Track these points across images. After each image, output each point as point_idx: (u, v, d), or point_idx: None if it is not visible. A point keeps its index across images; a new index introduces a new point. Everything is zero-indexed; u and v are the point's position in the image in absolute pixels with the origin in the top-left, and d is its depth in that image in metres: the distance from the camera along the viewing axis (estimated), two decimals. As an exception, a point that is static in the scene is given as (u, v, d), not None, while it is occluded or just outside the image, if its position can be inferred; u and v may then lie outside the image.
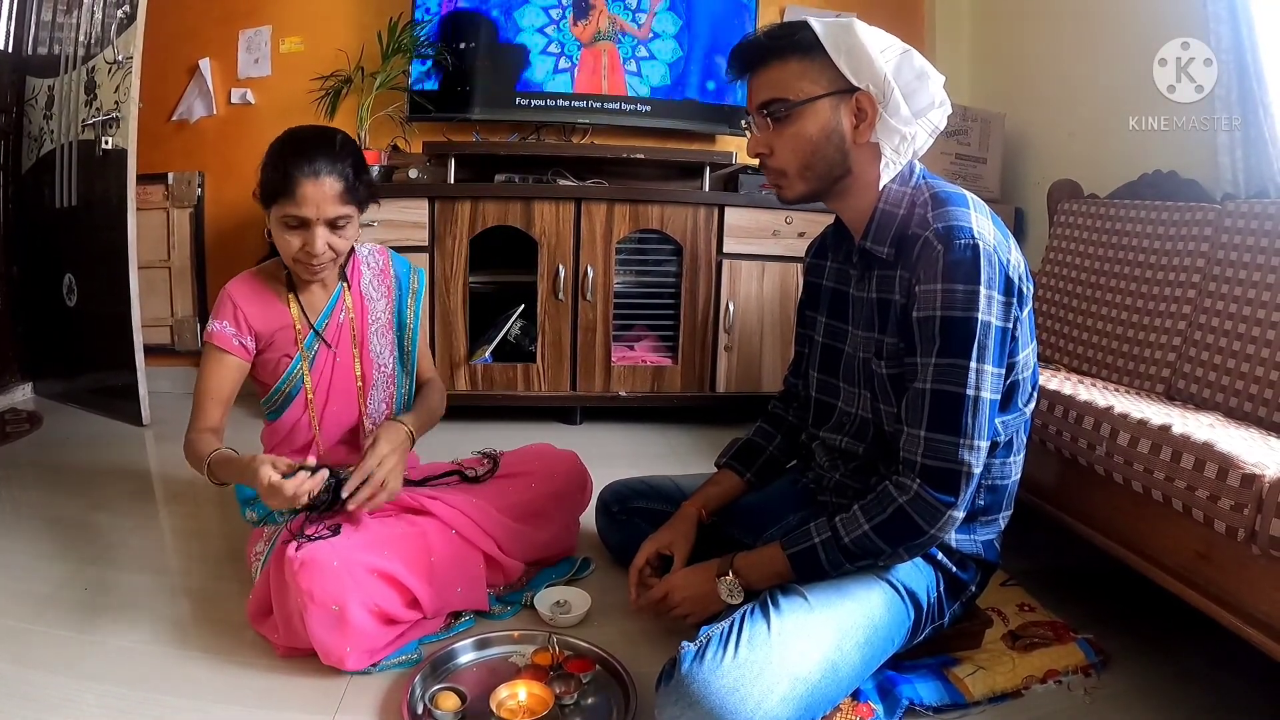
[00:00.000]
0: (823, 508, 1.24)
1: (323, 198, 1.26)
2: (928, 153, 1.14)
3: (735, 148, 2.83)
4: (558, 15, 2.81)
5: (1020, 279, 1.04)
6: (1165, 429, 1.21)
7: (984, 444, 1.02)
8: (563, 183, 2.69)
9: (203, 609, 1.39)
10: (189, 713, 1.11)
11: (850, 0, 2.96)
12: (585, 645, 1.23)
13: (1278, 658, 1.03)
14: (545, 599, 1.40)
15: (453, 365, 2.53)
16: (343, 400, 1.47)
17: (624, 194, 2.55)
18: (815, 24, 1.06)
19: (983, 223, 1.02)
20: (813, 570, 1.09)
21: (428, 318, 1.91)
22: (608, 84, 2.86)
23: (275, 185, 1.26)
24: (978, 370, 1.00)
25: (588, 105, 2.84)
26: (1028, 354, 1.10)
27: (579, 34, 2.84)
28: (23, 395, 2.80)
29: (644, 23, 2.86)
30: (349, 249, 1.38)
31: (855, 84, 1.05)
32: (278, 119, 2.79)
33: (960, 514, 1.03)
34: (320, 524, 1.24)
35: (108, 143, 2.42)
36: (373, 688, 1.17)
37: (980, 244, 0.99)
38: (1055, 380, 1.58)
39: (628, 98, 2.86)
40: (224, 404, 1.39)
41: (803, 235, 2.60)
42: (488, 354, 2.57)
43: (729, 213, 2.57)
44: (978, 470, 1.02)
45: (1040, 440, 1.47)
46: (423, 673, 1.16)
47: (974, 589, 1.21)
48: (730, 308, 2.61)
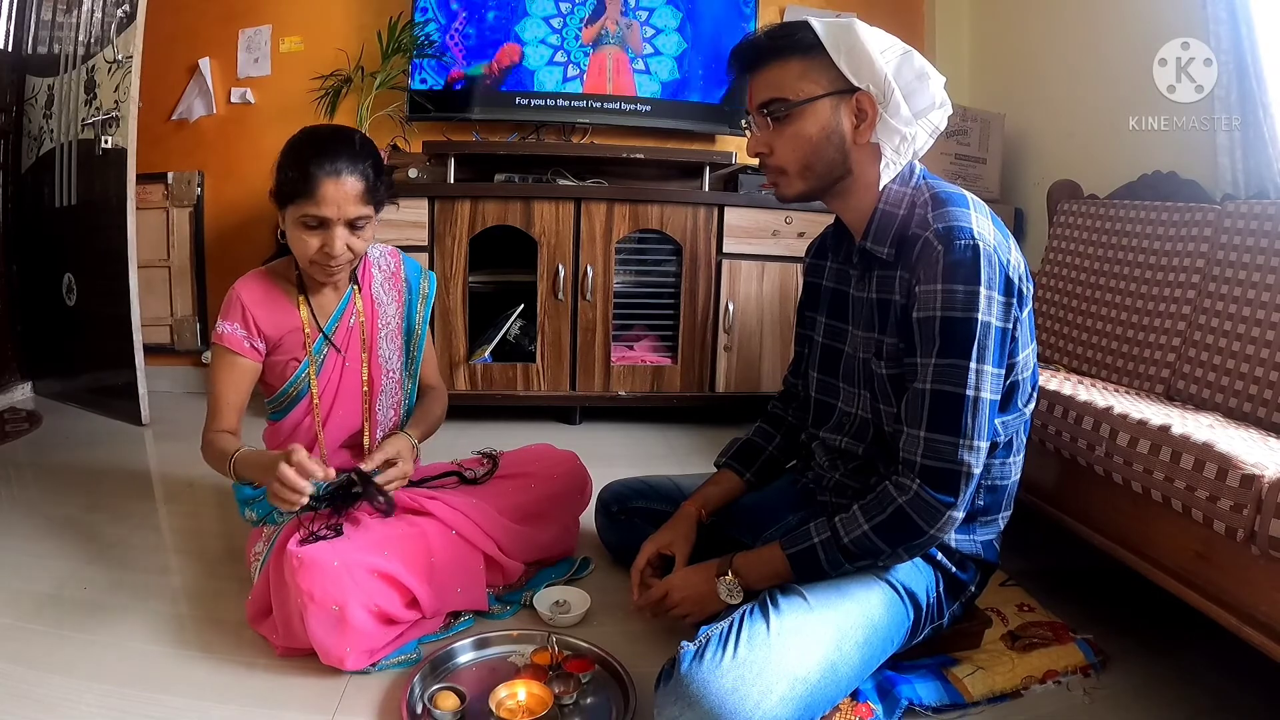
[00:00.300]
0: (822, 508, 1.24)
1: (344, 197, 1.25)
2: (928, 153, 1.14)
3: (735, 148, 2.83)
4: (559, 25, 2.82)
5: (1020, 279, 1.04)
6: (1165, 429, 1.21)
7: (984, 444, 1.02)
8: (562, 182, 2.69)
9: (202, 609, 1.39)
10: (188, 712, 1.11)
11: (850, 0, 2.96)
12: (584, 645, 1.23)
13: (1277, 658, 1.03)
14: (544, 599, 1.40)
15: (452, 365, 2.53)
16: (349, 405, 1.46)
17: (624, 194, 2.55)
18: (815, 24, 1.06)
19: (983, 223, 1.02)
20: (812, 570, 1.09)
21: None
22: (613, 85, 2.86)
23: (294, 185, 1.25)
24: (977, 371, 1.00)
25: (588, 105, 2.84)
26: (1027, 354, 1.10)
27: (585, 38, 2.84)
28: (22, 394, 2.80)
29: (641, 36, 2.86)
30: (365, 250, 1.37)
31: (855, 84, 1.05)
32: (277, 119, 2.83)
33: (960, 514, 1.03)
34: (325, 523, 1.24)
35: (107, 142, 2.42)
36: (372, 687, 1.17)
37: (980, 244, 0.99)
38: (1055, 380, 1.57)
39: (628, 97, 2.86)
40: (239, 407, 1.39)
41: (802, 235, 2.60)
42: (487, 354, 2.57)
43: (729, 213, 2.57)
44: (977, 470, 1.02)
45: (1040, 440, 1.47)
46: (422, 672, 1.16)
47: (973, 589, 1.21)
48: (730, 308, 2.61)
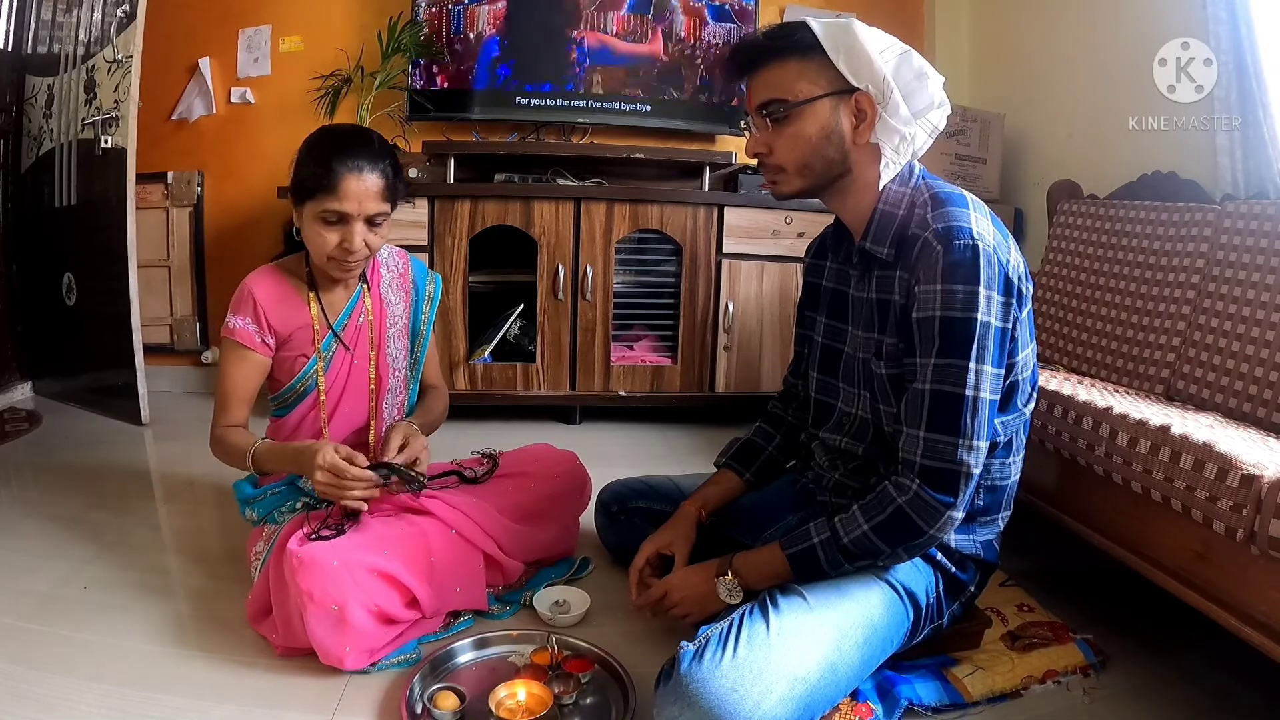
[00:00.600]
0: (822, 508, 1.24)
1: (365, 194, 1.27)
2: (927, 153, 1.14)
3: (735, 148, 2.83)
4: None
5: (1020, 279, 1.04)
6: (1164, 429, 1.21)
7: (983, 444, 1.02)
8: (562, 182, 2.69)
9: (202, 608, 1.39)
10: (187, 712, 1.11)
11: (850, 0, 2.96)
12: (584, 645, 1.23)
13: (1276, 658, 1.03)
14: (544, 599, 1.40)
15: (452, 365, 2.52)
16: (355, 402, 1.47)
17: (623, 194, 2.55)
18: (814, 24, 1.06)
19: (982, 223, 1.02)
20: (812, 570, 1.09)
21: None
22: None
23: (316, 180, 1.26)
24: (977, 371, 1.00)
25: (587, 105, 2.84)
26: (1027, 354, 1.10)
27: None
28: (22, 394, 2.80)
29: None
30: (380, 248, 1.38)
31: (854, 84, 1.05)
32: (277, 118, 2.83)
33: (959, 514, 1.03)
34: (330, 523, 1.25)
35: (107, 142, 2.42)
36: (372, 687, 1.17)
37: (980, 244, 0.99)
38: (1054, 380, 1.57)
39: (627, 97, 2.86)
40: (248, 401, 1.40)
41: (802, 235, 2.60)
42: (487, 354, 2.57)
43: (728, 213, 2.57)
44: (977, 471, 1.02)
45: (1039, 440, 1.46)
46: (422, 672, 1.16)
47: (973, 589, 1.21)
48: (730, 308, 2.61)
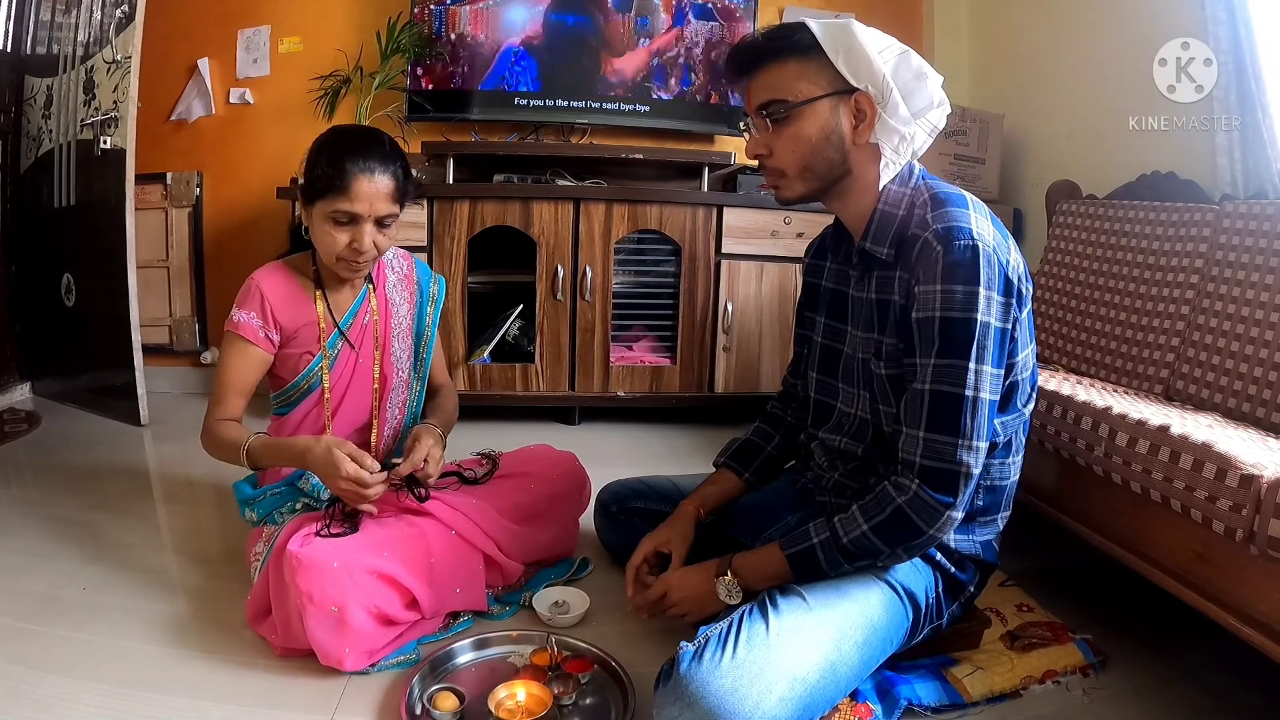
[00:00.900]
0: (821, 508, 1.24)
1: (376, 195, 1.27)
2: (927, 153, 1.15)
3: (734, 148, 2.83)
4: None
5: (1019, 280, 1.04)
6: (1164, 429, 1.21)
7: (983, 445, 1.02)
8: (561, 183, 2.69)
9: (201, 609, 1.39)
10: (187, 712, 1.10)
11: (850, 0, 2.96)
12: (584, 645, 1.23)
13: (1276, 658, 1.03)
14: (544, 599, 1.40)
15: (451, 365, 2.52)
16: (358, 401, 1.47)
17: (622, 194, 2.55)
18: (813, 25, 1.06)
19: (982, 223, 1.02)
20: (811, 571, 1.09)
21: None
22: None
23: (327, 180, 1.26)
24: (977, 371, 1.00)
25: (586, 105, 2.83)
26: (1027, 355, 1.10)
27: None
28: (21, 395, 2.80)
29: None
30: (388, 249, 1.38)
31: (854, 84, 1.05)
32: (276, 119, 2.83)
33: (959, 514, 1.03)
34: (339, 523, 1.25)
35: (106, 142, 2.42)
36: (371, 688, 1.17)
37: (980, 245, 0.99)
38: (1054, 381, 1.57)
39: (627, 97, 2.86)
40: (245, 395, 1.40)
41: (801, 235, 2.60)
42: (486, 354, 2.57)
43: (727, 213, 2.57)
44: (976, 471, 1.02)
45: (1039, 440, 1.46)
46: (421, 673, 1.16)
47: (972, 589, 1.21)
48: (729, 308, 2.61)
